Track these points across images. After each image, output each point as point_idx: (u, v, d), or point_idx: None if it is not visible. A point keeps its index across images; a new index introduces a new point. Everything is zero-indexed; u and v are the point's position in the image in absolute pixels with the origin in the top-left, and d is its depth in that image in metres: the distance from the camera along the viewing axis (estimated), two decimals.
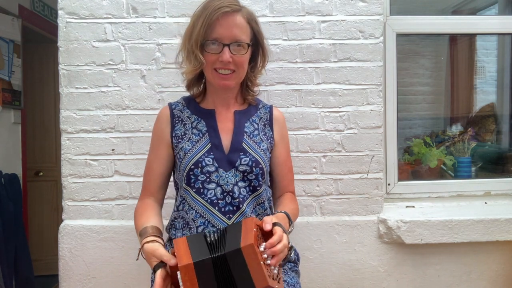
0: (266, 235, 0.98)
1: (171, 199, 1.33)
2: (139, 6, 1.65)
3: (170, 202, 1.32)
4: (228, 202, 1.12)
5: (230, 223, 1.10)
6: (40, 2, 3.36)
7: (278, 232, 0.97)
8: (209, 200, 1.12)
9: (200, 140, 1.17)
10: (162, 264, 0.96)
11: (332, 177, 1.69)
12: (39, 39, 3.43)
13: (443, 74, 2.58)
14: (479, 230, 1.65)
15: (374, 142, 1.69)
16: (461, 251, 1.69)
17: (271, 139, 1.24)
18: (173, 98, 1.43)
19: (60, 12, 1.65)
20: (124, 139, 1.66)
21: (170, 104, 1.26)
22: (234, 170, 1.14)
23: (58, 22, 1.65)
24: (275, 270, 0.95)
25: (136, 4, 1.65)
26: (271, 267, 0.94)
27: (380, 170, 1.70)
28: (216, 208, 1.12)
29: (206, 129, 1.18)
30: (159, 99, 1.66)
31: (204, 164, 1.12)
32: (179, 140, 1.19)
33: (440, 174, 2.05)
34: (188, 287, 0.88)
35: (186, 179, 1.14)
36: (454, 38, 2.47)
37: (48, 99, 3.55)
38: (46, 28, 3.38)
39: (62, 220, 1.67)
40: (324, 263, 1.68)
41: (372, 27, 1.68)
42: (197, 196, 1.13)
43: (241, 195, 1.13)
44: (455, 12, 2.31)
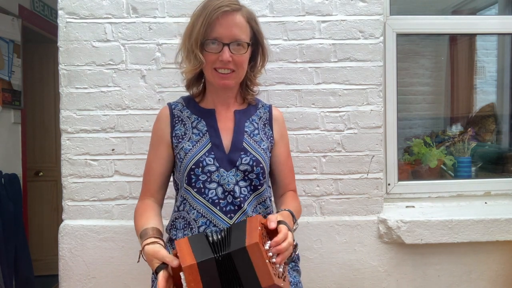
0: (271, 233, 0.98)
1: (171, 199, 1.33)
2: (139, 6, 1.65)
3: (170, 202, 1.32)
4: (230, 201, 1.12)
5: (231, 223, 1.10)
6: (40, 2, 3.36)
7: (283, 230, 0.97)
8: (210, 200, 1.12)
9: (201, 140, 1.17)
10: (164, 266, 0.95)
11: (332, 177, 1.69)
12: (39, 39, 3.43)
13: (443, 74, 2.58)
14: (479, 230, 1.65)
15: (374, 142, 1.69)
16: (461, 251, 1.69)
17: (271, 138, 1.24)
18: (173, 98, 1.43)
19: (60, 12, 1.65)
20: (124, 139, 1.66)
21: (170, 104, 1.25)
22: (235, 169, 1.14)
23: (58, 22, 1.65)
24: (280, 268, 0.95)
25: (136, 4, 1.65)
26: (277, 265, 0.94)
27: (380, 170, 1.70)
28: (218, 208, 1.11)
29: (206, 128, 1.18)
30: (159, 99, 1.66)
31: (205, 164, 1.12)
32: (179, 140, 1.18)
33: (440, 174, 2.05)
34: (192, 287, 0.88)
35: (187, 179, 1.14)
36: (454, 38, 2.47)
37: (48, 99, 3.55)
38: (46, 28, 3.38)
39: (62, 220, 1.67)
40: (324, 263, 1.68)
41: (372, 27, 1.68)
42: (198, 196, 1.13)
43: (242, 195, 1.13)
44: (455, 12, 2.31)
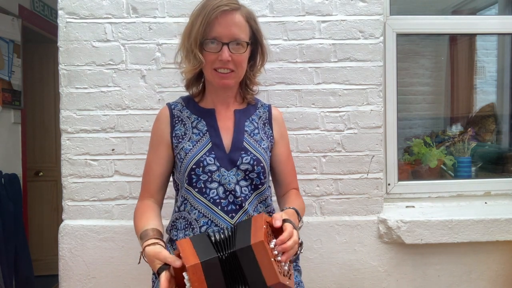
0: (276, 231, 0.98)
1: (171, 199, 1.33)
2: (139, 6, 1.65)
3: (170, 202, 1.32)
4: (231, 201, 1.12)
5: (233, 222, 1.10)
6: (40, 2, 3.36)
7: (288, 229, 0.97)
8: (211, 200, 1.12)
9: (201, 139, 1.17)
10: (166, 267, 0.95)
11: (332, 177, 1.69)
12: (39, 39, 3.43)
13: (443, 74, 2.58)
14: (479, 230, 1.65)
15: (374, 142, 1.69)
16: (461, 251, 1.69)
17: (271, 137, 1.24)
18: (173, 98, 1.43)
19: (60, 12, 1.65)
20: (124, 139, 1.66)
21: (169, 105, 1.25)
22: (235, 169, 1.13)
23: (58, 22, 1.65)
24: (285, 267, 0.95)
25: (136, 4, 1.65)
26: (282, 263, 0.93)
27: (380, 170, 1.70)
28: (219, 207, 1.11)
29: (206, 128, 1.18)
30: (159, 99, 1.66)
31: (205, 164, 1.12)
32: (180, 140, 1.18)
33: (440, 174, 2.05)
34: (196, 287, 0.88)
35: (187, 179, 1.14)
36: (454, 38, 2.47)
37: (48, 99, 3.55)
38: (46, 28, 3.38)
39: (62, 220, 1.67)
40: (324, 263, 1.68)
41: (372, 27, 1.68)
42: (199, 196, 1.13)
43: (243, 194, 1.13)
44: (455, 12, 2.31)
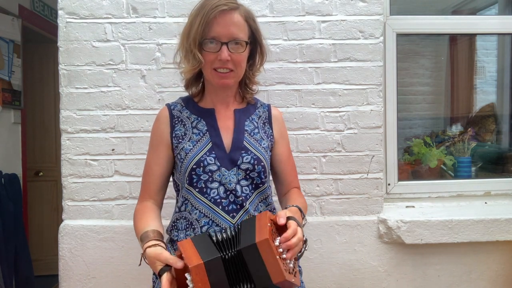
0: (281, 229, 0.97)
1: (171, 199, 1.33)
2: (139, 6, 1.65)
3: (170, 202, 1.32)
4: (232, 201, 1.12)
5: (234, 222, 1.10)
6: (40, 2, 3.36)
7: (293, 226, 0.97)
8: (212, 200, 1.12)
9: (201, 139, 1.17)
10: (167, 268, 0.95)
11: (332, 177, 1.69)
12: (39, 39, 3.43)
13: (443, 74, 2.58)
14: (479, 230, 1.65)
15: (374, 142, 1.69)
16: (461, 251, 1.69)
17: (271, 137, 1.24)
18: (173, 98, 1.43)
19: (60, 12, 1.65)
20: (124, 139, 1.66)
21: (169, 105, 1.25)
22: (236, 168, 1.13)
23: (58, 22, 1.65)
24: (290, 264, 0.95)
25: (136, 4, 1.65)
26: (287, 261, 0.93)
27: (380, 170, 1.70)
28: (220, 207, 1.11)
29: (206, 128, 1.18)
30: (159, 99, 1.66)
31: (206, 163, 1.12)
32: (180, 140, 1.18)
33: (440, 174, 2.05)
34: (199, 287, 0.88)
35: (188, 179, 1.13)
36: (454, 38, 2.47)
37: (48, 99, 3.55)
38: (46, 28, 3.38)
39: (62, 220, 1.67)
40: (324, 263, 1.68)
41: (372, 27, 1.68)
42: (200, 195, 1.12)
43: (243, 194, 1.13)
44: (455, 12, 2.31)
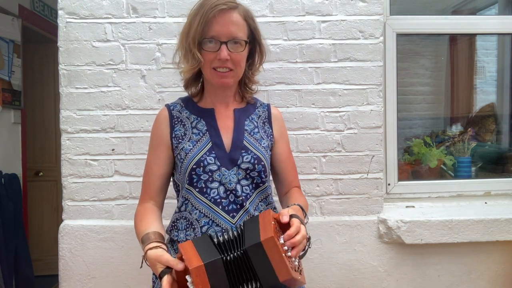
0: (284, 227, 0.97)
1: (171, 199, 1.33)
2: (139, 6, 1.65)
3: (170, 202, 1.32)
4: (232, 200, 1.12)
5: (234, 222, 1.10)
6: (40, 2, 3.36)
7: (296, 224, 0.97)
8: (212, 200, 1.12)
9: (201, 139, 1.17)
10: (168, 270, 0.95)
11: (332, 177, 1.69)
12: (39, 39, 3.43)
13: (443, 74, 2.58)
14: (479, 230, 1.65)
15: (374, 142, 1.69)
16: (461, 251, 1.69)
17: (271, 136, 1.24)
18: (173, 98, 1.43)
19: (60, 12, 1.65)
20: (124, 139, 1.66)
21: (168, 105, 1.25)
22: (236, 168, 1.13)
23: (58, 22, 1.65)
24: (296, 262, 0.95)
25: (136, 4, 1.65)
26: (292, 258, 0.93)
27: (380, 170, 1.70)
28: (220, 207, 1.11)
29: (206, 128, 1.18)
30: (159, 99, 1.66)
31: (206, 163, 1.12)
32: (180, 140, 1.18)
33: (440, 174, 2.05)
34: None
35: (188, 179, 1.13)
36: (454, 38, 2.47)
37: (48, 99, 3.55)
38: (46, 28, 3.38)
39: (62, 220, 1.67)
40: (324, 263, 1.68)
41: (372, 27, 1.68)
42: (200, 195, 1.12)
43: (243, 193, 1.13)
44: (455, 12, 2.31)
